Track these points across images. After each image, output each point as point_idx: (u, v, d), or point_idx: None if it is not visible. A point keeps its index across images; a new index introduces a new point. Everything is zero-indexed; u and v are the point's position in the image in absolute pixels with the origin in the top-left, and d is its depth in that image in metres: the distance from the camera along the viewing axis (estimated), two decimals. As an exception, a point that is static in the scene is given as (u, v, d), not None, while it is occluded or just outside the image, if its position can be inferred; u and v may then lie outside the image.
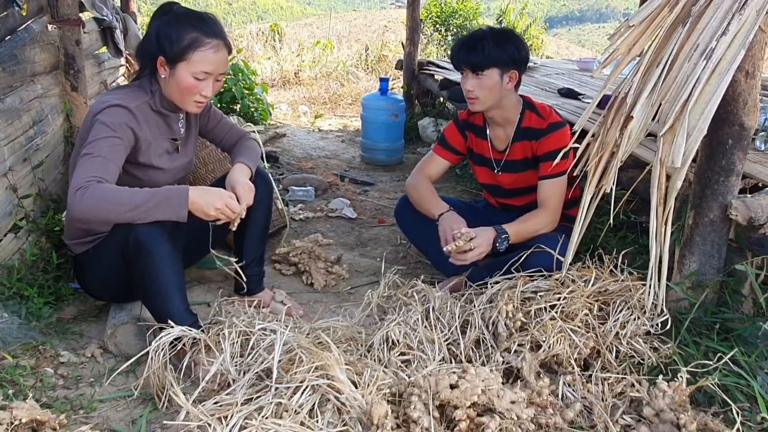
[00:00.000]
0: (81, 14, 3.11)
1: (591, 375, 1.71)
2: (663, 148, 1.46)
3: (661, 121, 1.47)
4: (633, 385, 1.64)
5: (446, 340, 1.84)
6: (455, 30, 8.75)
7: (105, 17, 3.70)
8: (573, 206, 2.29)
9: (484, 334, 1.85)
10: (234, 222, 1.87)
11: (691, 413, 1.48)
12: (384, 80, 4.55)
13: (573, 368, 1.73)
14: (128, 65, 4.63)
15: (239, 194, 1.91)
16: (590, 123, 1.87)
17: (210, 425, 1.41)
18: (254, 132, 3.33)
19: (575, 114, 3.18)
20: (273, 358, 1.56)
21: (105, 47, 3.89)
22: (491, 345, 1.83)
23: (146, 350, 1.65)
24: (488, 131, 2.41)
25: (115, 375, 1.84)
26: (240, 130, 2.24)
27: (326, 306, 2.35)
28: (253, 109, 5.14)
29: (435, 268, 2.55)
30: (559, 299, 1.85)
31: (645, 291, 1.72)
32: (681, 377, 1.55)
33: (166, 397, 1.64)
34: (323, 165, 4.46)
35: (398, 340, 1.79)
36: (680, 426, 1.44)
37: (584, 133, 1.75)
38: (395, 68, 6.12)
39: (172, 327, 1.68)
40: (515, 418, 1.45)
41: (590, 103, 1.69)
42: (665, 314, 1.78)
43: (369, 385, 1.51)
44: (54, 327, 2.03)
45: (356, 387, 1.51)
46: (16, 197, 2.24)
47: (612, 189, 1.63)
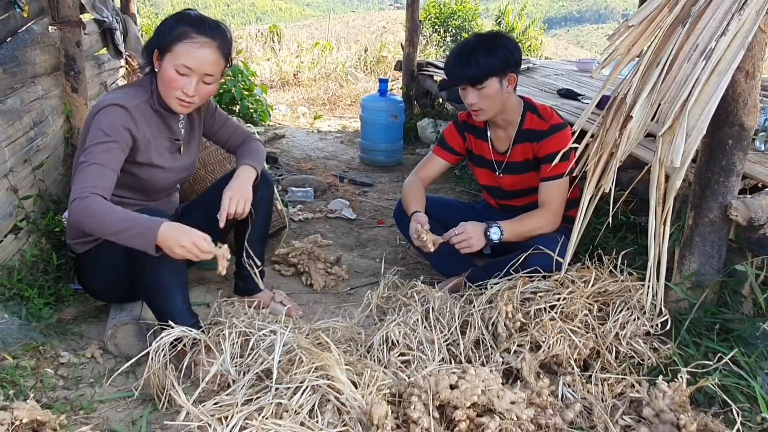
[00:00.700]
0: (81, 16, 3.11)
1: (591, 375, 1.71)
2: (662, 148, 1.46)
3: (661, 121, 1.47)
4: (633, 386, 1.64)
5: (446, 341, 1.84)
6: (454, 31, 8.76)
7: (105, 19, 3.70)
8: (572, 207, 2.29)
9: (484, 335, 1.85)
10: (220, 264, 1.76)
11: (691, 414, 1.48)
12: (383, 81, 4.55)
13: (573, 369, 1.73)
14: (128, 66, 4.64)
15: (223, 205, 1.89)
16: (589, 123, 1.88)
17: (210, 425, 1.41)
18: (254, 133, 3.34)
19: (574, 114, 3.18)
20: (273, 359, 1.56)
21: (105, 49, 3.89)
22: (491, 345, 1.83)
23: (146, 351, 1.65)
24: (489, 133, 2.41)
25: (115, 375, 1.84)
26: (245, 131, 2.24)
27: (326, 307, 2.35)
28: (253, 110, 5.15)
29: (434, 269, 2.55)
30: (559, 300, 1.85)
31: (644, 291, 1.72)
32: (681, 378, 1.55)
33: (167, 398, 1.64)
34: (322, 166, 4.46)
35: (398, 341, 1.79)
36: (680, 426, 1.44)
37: (583, 134, 1.75)
38: (394, 69, 6.12)
39: (173, 327, 1.69)
40: (515, 419, 1.45)
41: (589, 104, 1.70)
42: (665, 315, 1.79)
43: (369, 386, 1.51)
44: (54, 328, 2.04)
45: (356, 387, 1.51)
46: (17, 198, 2.24)
47: (611, 189, 1.63)
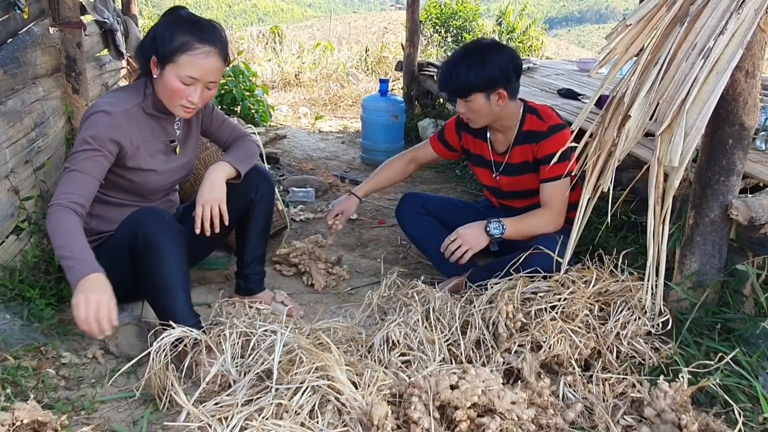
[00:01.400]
0: (82, 17, 3.12)
1: (592, 375, 1.71)
2: (661, 148, 1.46)
3: (659, 121, 1.47)
4: (634, 386, 1.64)
5: (446, 341, 1.84)
6: (455, 31, 8.76)
7: (106, 20, 3.71)
8: (573, 209, 2.29)
9: (485, 335, 1.85)
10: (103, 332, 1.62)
11: (693, 414, 1.48)
12: (384, 81, 4.55)
13: (574, 369, 1.73)
14: (129, 67, 4.65)
15: (196, 213, 1.90)
16: (588, 122, 1.88)
17: (211, 426, 1.42)
18: (254, 133, 3.34)
19: (575, 114, 3.18)
20: (273, 359, 1.56)
21: (106, 50, 3.90)
22: (491, 345, 1.83)
23: (148, 351, 1.65)
24: (488, 134, 2.41)
25: (117, 376, 1.84)
26: (241, 131, 2.24)
27: (327, 307, 2.35)
28: (254, 111, 5.15)
29: (435, 269, 2.55)
30: (560, 300, 1.85)
31: (643, 291, 1.72)
32: (682, 377, 1.54)
33: (167, 398, 1.64)
34: (323, 166, 4.46)
35: (398, 341, 1.79)
36: (681, 426, 1.43)
37: (582, 133, 1.75)
38: (395, 69, 6.12)
39: (174, 327, 1.69)
40: (516, 419, 1.44)
41: (588, 103, 1.70)
42: (666, 314, 1.78)
43: (369, 386, 1.51)
44: (56, 328, 2.04)
45: (356, 388, 1.51)
46: (18, 199, 2.25)
47: (610, 188, 1.63)
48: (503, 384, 1.55)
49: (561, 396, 1.64)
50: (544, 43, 10.18)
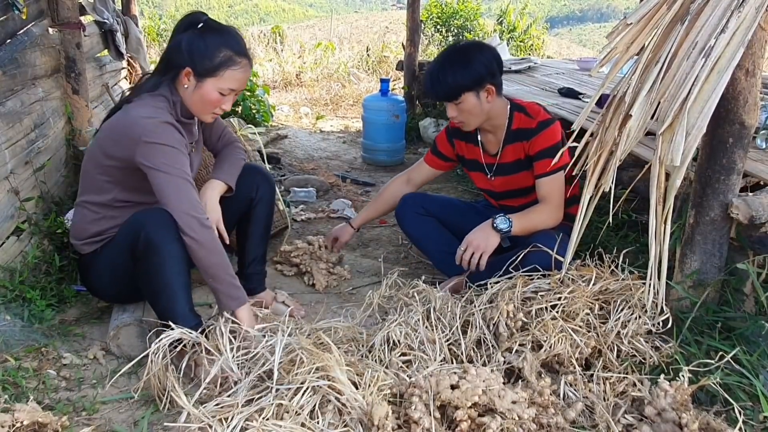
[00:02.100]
0: (81, 17, 3.12)
1: (592, 374, 1.71)
2: (662, 147, 1.46)
3: (660, 120, 1.46)
4: (635, 385, 1.64)
5: (447, 341, 1.84)
6: (456, 31, 8.75)
7: (106, 20, 3.71)
8: (573, 204, 2.29)
9: (485, 335, 1.85)
10: None
11: (693, 412, 1.47)
12: (385, 81, 4.55)
13: (574, 368, 1.72)
14: (130, 68, 4.65)
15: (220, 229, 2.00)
16: (589, 122, 1.87)
17: (211, 427, 1.42)
18: (254, 134, 3.34)
19: (575, 113, 3.18)
20: (274, 360, 1.56)
21: (106, 50, 3.91)
22: (492, 345, 1.83)
23: (147, 352, 1.65)
24: (479, 137, 2.42)
25: (117, 377, 1.85)
26: (232, 136, 2.25)
27: (328, 307, 2.35)
28: (255, 111, 5.15)
29: (436, 269, 2.55)
30: (560, 299, 1.85)
31: (645, 289, 1.71)
32: (683, 376, 1.54)
33: (168, 399, 1.64)
34: (324, 166, 4.46)
35: (399, 341, 1.79)
36: (682, 425, 1.43)
37: (583, 132, 1.74)
38: (396, 69, 6.12)
39: (174, 328, 1.69)
40: (516, 418, 1.44)
41: (588, 102, 1.69)
42: (666, 313, 1.78)
43: (370, 386, 1.51)
44: (56, 329, 2.04)
45: (357, 388, 1.51)
46: (18, 200, 2.25)
47: (611, 188, 1.62)
48: (504, 383, 1.55)
49: (562, 395, 1.64)
50: (545, 42, 10.16)
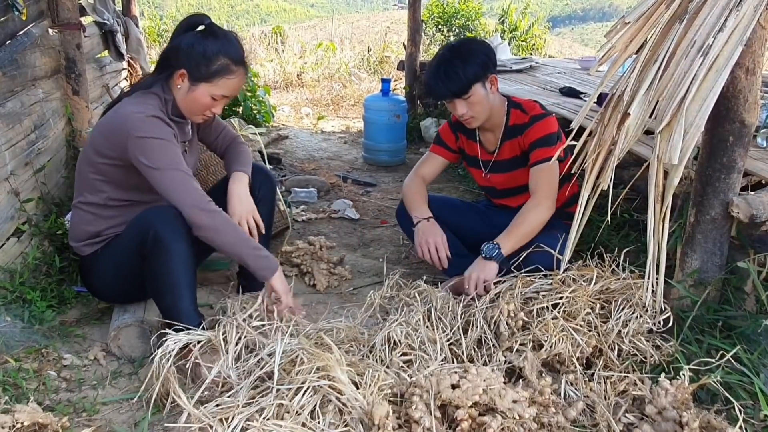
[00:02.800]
0: (82, 18, 3.12)
1: (593, 374, 1.71)
2: (660, 145, 1.45)
3: (659, 118, 1.46)
4: (635, 384, 1.63)
5: (448, 340, 1.84)
6: (457, 30, 8.74)
7: (106, 21, 3.72)
8: (572, 203, 2.29)
9: (486, 334, 1.85)
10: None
11: (694, 411, 1.47)
12: (386, 81, 4.55)
13: (575, 367, 1.72)
14: (130, 69, 4.65)
15: (252, 226, 2.01)
16: (588, 120, 1.87)
17: (212, 427, 1.42)
18: (255, 134, 3.34)
19: (576, 113, 3.16)
20: (274, 360, 1.56)
21: (106, 51, 3.91)
22: (493, 344, 1.83)
23: (151, 355, 1.65)
24: (478, 134, 2.44)
25: (118, 378, 1.85)
26: (232, 133, 2.25)
27: (329, 307, 2.35)
28: (256, 111, 5.15)
29: (436, 269, 2.54)
30: (561, 299, 1.85)
31: (642, 287, 1.71)
32: (683, 375, 1.54)
33: (169, 400, 1.64)
34: (326, 166, 4.46)
35: (400, 341, 1.79)
36: (683, 424, 1.43)
37: (582, 130, 1.74)
38: (397, 69, 6.11)
39: (178, 328, 1.70)
40: (517, 418, 1.44)
41: (587, 101, 1.69)
42: (667, 312, 1.78)
43: (370, 386, 1.51)
44: (57, 330, 2.04)
45: (358, 387, 1.51)
46: (18, 201, 2.25)
47: (610, 186, 1.62)
48: (504, 383, 1.55)
49: (562, 394, 1.64)
50: (547, 42, 10.15)
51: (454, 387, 1.46)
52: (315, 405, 1.46)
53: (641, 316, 1.79)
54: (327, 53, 8.87)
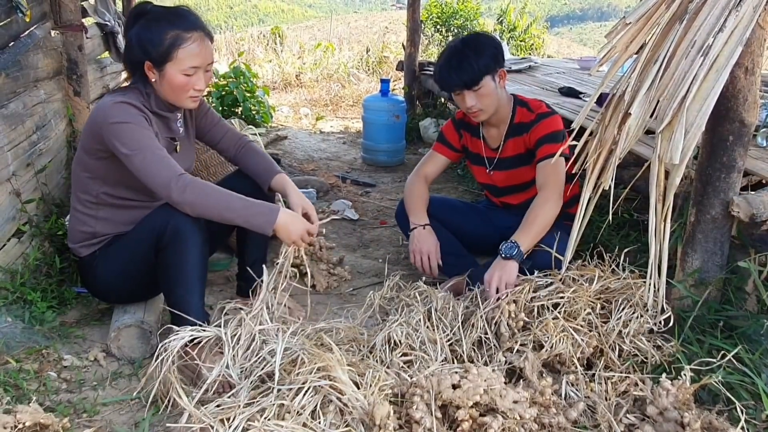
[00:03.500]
0: (83, 20, 3.12)
1: (594, 374, 1.71)
2: (661, 145, 1.46)
3: (659, 118, 1.47)
4: (636, 384, 1.63)
5: (448, 341, 1.84)
6: (456, 30, 8.74)
7: (107, 22, 3.72)
8: (573, 204, 2.29)
9: (487, 334, 1.85)
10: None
11: (695, 411, 1.47)
12: (385, 81, 4.55)
13: (576, 367, 1.72)
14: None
15: (312, 215, 2.03)
16: (589, 120, 1.87)
17: (212, 427, 1.42)
18: (255, 135, 3.34)
19: (576, 113, 3.17)
20: (275, 360, 1.56)
21: (107, 52, 3.91)
22: (494, 345, 1.83)
23: (153, 353, 1.65)
24: (482, 130, 2.44)
25: (118, 378, 1.85)
26: (238, 133, 2.25)
27: (328, 307, 2.35)
28: (255, 112, 5.15)
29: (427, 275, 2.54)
30: (562, 299, 1.85)
31: (643, 287, 1.71)
32: (685, 375, 1.54)
33: (170, 400, 1.64)
34: (325, 167, 4.46)
35: (400, 341, 1.79)
36: (684, 424, 1.43)
37: (583, 131, 1.74)
38: (396, 69, 6.11)
39: (181, 325, 1.70)
40: (518, 418, 1.44)
41: (588, 101, 1.69)
42: (668, 312, 1.78)
43: (371, 386, 1.51)
44: (57, 331, 2.04)
45: (358, 388, 1.51)
46: (20, 202, 2.25)
47: (611, 186, 1.62)
48: (505, 383, 1.55)
49: (563, 395, 1.64)
50: (546, 42, 10.16)
51: (455, 387, 1.46)
52: (316, 405, 1.46)
53: (642, 316, 1.80)
54: (325, 54, 8.87)
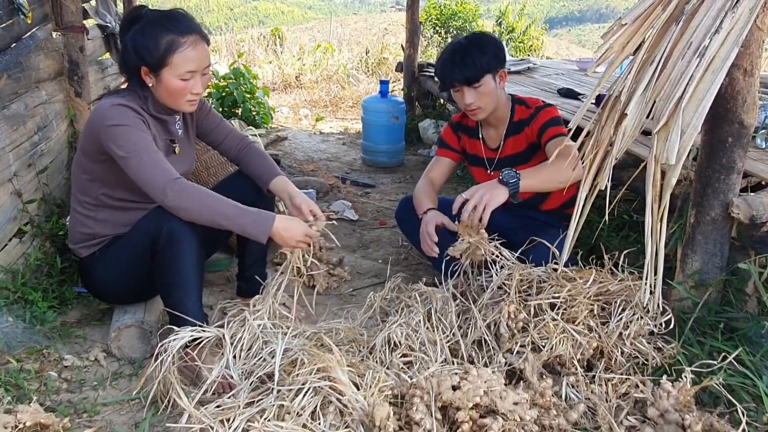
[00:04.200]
0: (84, 21, 3.13)
1: (594, 376, 1.71)
2: (657, 146, 1.46)
3: (656, 119, 1.47)
4: (637, 386, 1.63)
5: (448, 342, 1.84)
6: (455, 32, 8.75)
7: (108, 24, 3.72)
8: (571, 205, 2.29)
9: (487, 335, 1.85)
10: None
11: (696, 414, 1.47)
12: (384, 83, 4.56)
13: (576, 369, 1.72)
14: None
15: (318, 213, 2.03)
16: (585, 120, 1.87)
17: (212, 428, 1.42)
18: (255, 135, 3.34)
19: (575, 114, 3.17)
20: (275, 361, 1.56)
21: (108, 53, 3.91)
22: (493, 346, 1.83)
23: (153, 353, 1.65)
24: (481, 131, 2.45)
25: (118, 378, 1.85)
26: (240, 134, 2.25)
27: (328, 308, 2.35)
28: (255, 113, 5.16)
29: (435, 270, 2.55)
30: (560, 299, 1.84)
31: (641, 289, 1.71)
32: (685, 377, 1.54)
33: (170, 400, 1.64)
34: (324, 167, 4.47)
35: (400, 342, 1.79)
36: (685, 427, 1.43)
37: (580, 131, 1.75)
38: (395, 71, 6.12)
39: (180, 326, 1.70)
40: (518, 420, 1.44)
41: (584, 102, 1.70)
42: (668, 314, 1.78)
43: (371, 387, 1.51)
44: (58, 331, 2.04)
45: (358, 389, 1.51)
46: (21, 202, 2.26)
47: (607, 187, 1.63)
48: (505, 384, 1.55)
49: (563, 396, 1.64)
50: (544, 43, 10.16)
51: (455, 388, 1.46)
52: (316, 406, 1.46)
53: (642, 318, 1.79)
54: (325, 55, 8.87)
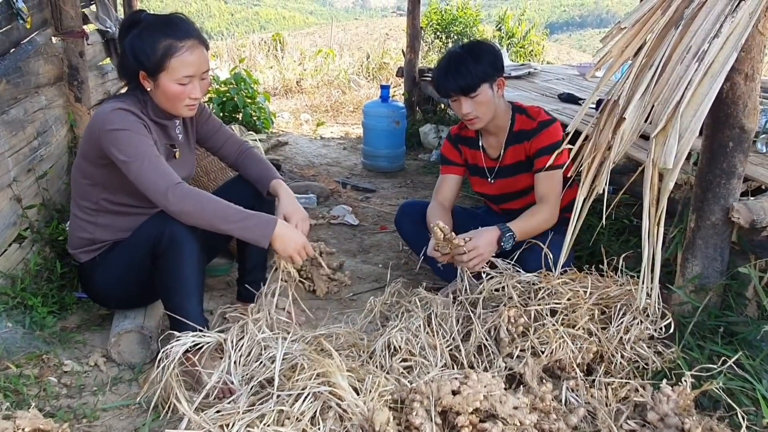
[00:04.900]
0: (84, 26, 3.14)
1: (594, 380, 1.70)
2: (655, 149, 1.46)
3: (654, 123, 1.47)
4: (637, 390, 1.63)
5: (448, 346, 1.83)
6: (456, 37, 8.78)
7: (108, 29, 3.74)
8: (571, 209, 2.29)
9: (486, 340, 1.85)
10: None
11: (696, 418, 1.47)
12: (385, 88, 4.57)
13: (576, 373, 1.72)
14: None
15: (301, 226, 2.00)
16: (584, 124, 1.88)
17: (212, 433, 1.41)
18: (256, 141, 3.35)
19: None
20: (275, 367, 1.56)
21: (108, 58, 3.92)
22: (493, 351, 1.82)
23: (154, 358, 1.65)
24: (481, 141, 2.44)
25: (118, 384, 1.85)
26: (240, 139, 2.25)
27: (329, 313, 2.35)
28: (255, 118, 5.16)
29: (435, 275, 2.54)
30: (559, 304, 1.84)
31: (639, 292, 1.71)
32: (685, 381, 1.54)
33: (170, 406, 1.64)
34: (325, 172, 4.47)
35: (400, 347, 1.79)
36: (685, 430, 1.43)
37: (578, 135, 1.75)
38: (396, 75, 6.13)
39: (182, 331, 1.70)
40: (518, 424, 1.44)
41: (583, 105, 1.70)
42: (668, 318, 1.78)
43: (371, 392, 1.51)
44: (57, 336, 2.04)
45: (358, 393, 1.51)
46: (21, 207, 2.26)
47: (605, 191, 1.63)
48: (505, 389, 1.55)
49: (563, 401, 1.63)
50: (545, 48, 10.19)
51: (455, 393, 1.46)
52: (315, 411, 1.45)
53: (642, 322, 1.79)
54: (326, 60, 8.90)
